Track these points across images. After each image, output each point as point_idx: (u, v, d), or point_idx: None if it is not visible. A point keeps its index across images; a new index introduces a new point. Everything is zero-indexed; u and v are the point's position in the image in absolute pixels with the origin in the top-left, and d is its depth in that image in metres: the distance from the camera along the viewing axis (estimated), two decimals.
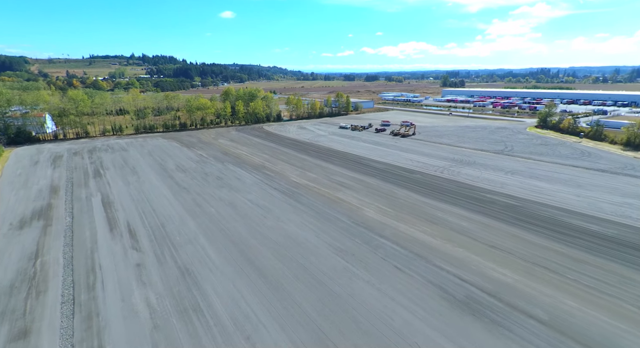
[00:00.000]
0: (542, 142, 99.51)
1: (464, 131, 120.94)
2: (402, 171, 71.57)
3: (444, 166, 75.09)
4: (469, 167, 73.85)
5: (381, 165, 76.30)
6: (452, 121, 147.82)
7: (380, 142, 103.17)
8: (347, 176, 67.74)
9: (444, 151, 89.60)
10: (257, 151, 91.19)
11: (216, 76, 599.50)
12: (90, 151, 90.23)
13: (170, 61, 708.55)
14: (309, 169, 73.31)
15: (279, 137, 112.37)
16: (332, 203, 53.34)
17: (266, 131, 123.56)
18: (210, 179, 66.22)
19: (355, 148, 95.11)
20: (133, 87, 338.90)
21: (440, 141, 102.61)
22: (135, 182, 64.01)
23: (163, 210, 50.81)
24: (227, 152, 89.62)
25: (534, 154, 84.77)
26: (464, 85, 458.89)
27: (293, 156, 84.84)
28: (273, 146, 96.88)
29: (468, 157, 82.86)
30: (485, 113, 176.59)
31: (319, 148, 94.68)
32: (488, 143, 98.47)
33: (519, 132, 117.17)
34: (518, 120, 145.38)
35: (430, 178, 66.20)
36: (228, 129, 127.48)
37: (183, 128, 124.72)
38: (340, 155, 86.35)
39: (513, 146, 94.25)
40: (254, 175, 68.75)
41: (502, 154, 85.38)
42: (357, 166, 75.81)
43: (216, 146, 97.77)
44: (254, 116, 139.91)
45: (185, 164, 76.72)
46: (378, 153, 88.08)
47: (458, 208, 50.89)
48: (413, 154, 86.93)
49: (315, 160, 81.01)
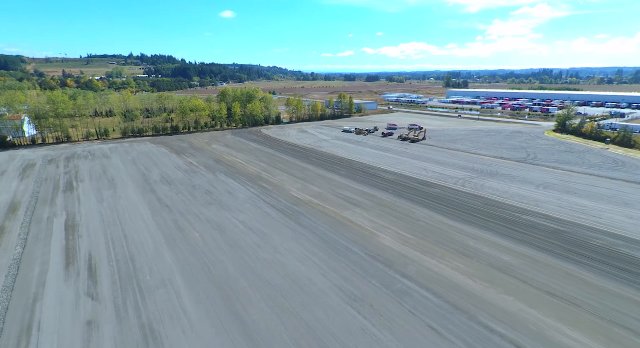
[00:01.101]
0: (565, 148, 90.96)
1: (478, 135, 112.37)
2: (416, 183, 62.95)
3: (464, 177, 66.49)
4: (492, 179, 65.25)
5: (392, 176, 67.68)
6: (462, 124, 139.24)
7: (389, 148, 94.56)
8: (355, 190, 59.10)
9: (460, 159, 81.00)
10: (253, 158, 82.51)
11: (215, 75, 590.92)
12: (68, 158, 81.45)
13: (169, 61, 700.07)
14: (311, 180, 64.68)
15: (278, 142, 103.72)
16: (339, 226, 44.71)
17: (264, 135, 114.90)
18: (198, 193, 57.54)
19: (361, 154, 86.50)
20: (128, 87, 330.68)
21: (454, 147, 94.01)
22: (110, 197, 55.30)
23: (136, 236, 42.13)
24: (220, 159, 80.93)
25: (561, 163, 76.22)
26: (467, 86, 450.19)
27: (293, 165, 76.20)
28: (271, 153, 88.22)
29: (489, 166, 74.27)
30: (494, 115, 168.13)
31: (321, 155, 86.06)
32: (507, 150, 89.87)
33: (537, 136, 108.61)
34: (533, 123, 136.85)
35: (450, 193, 57.57)
36: (223, 133, 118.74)
37: (175, 132, 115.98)
38: (345, 163, 77.74)
39: (535, 153, 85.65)
40: (249, 188, 60.09)
41: (526, 163, 76.80)
42: (365, 176, 67.19)
43: (209, 152, 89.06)
44: (251, 119, 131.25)
45: (171, 175, 68.03)
46: (387, 161, 79.49)
47: (492, 234, 42.26)
48: (426, 162, 78.33)
49: (318, 169, 72.39)
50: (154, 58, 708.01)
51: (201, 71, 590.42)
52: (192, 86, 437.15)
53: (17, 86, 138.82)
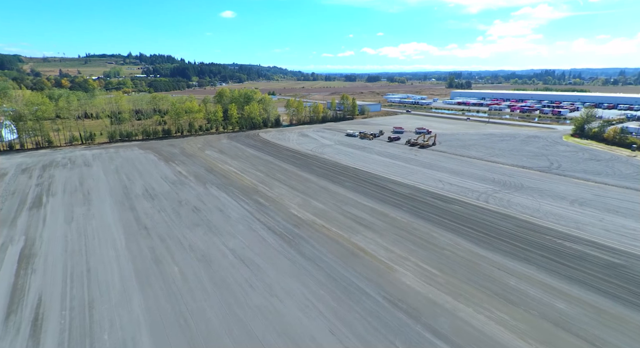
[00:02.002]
0: (590, 156, 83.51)
1: (491, 140, 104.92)
2: (433, 198, 55.47)
3: (486, 191, 59.03)
4: (518, 193, 57.79)
5: (404, 189, 60.22)
6: (472, 127, 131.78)
7: (397, 154, 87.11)
8: (364, 207, 51.65)
9: (478, 168, 73.58)
10: (249, 166, 75.06)
11: (214, 75, 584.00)
12: (45, 166, 73.95)
13: (168, 60, 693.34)
14: (313, 194, 57.22)
15: (277, 147, 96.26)
16: (349, 258, 37.26)
17: (262, 140, 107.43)
18: (184, 211, 50.08)
19: (367, 162, 79.07)
20: (124, 87, 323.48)
21: (467, 154, 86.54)
22: (81, 217, 47.84)
23: (102, 271, 34.66)
24: (213, 168, 73.47)
25: (590, 174, 68.79)
26: (471, 87, 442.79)
27: (293, 175, 68.75)
28: (269, 160, 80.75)
29: (510, 177, 66.82)
30: (504, 118, 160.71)
31: (324, 163, 78.63)
32: (527, 157, 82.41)
33: (556, 142, 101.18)
34: (547, 127, 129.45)
35: (474, 211, 50.11)
36: (219, 137, 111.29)
37: (167, 135, 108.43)
38: (350, 173, 70.30)
39: (559, 162, 78.18)
40: (243, 205, 52.62)
41: (551, 174, 69.35)
42: (374, 189, 59.74)
43: (201, 159, 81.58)
44: (249, 121, 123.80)
45: (156, 187, 60.53)
46: (397, 170, 72.06)
47: (535, 270, 34.80)
48: (441, 172, 70.89)
49: (321, 181, 64.92)
50: (153, 58, 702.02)
51: (200, 71, 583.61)
52: (191, 86, 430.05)
53: (1, 86, 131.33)
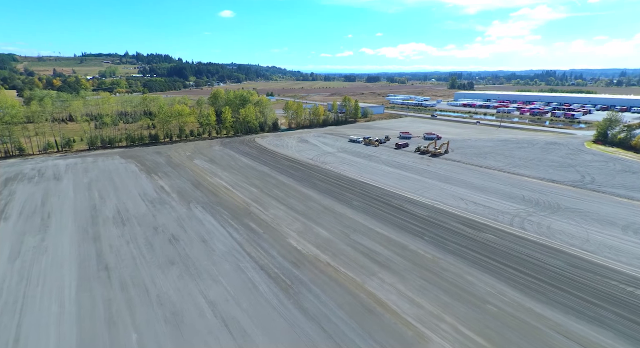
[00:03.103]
0: (623, 167, 74.96)
1: (507, 147, 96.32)
2: (458, 223, 46.75)
3: (518, 212, 50.37)
4: (556, 216, 49.14)
5: (422, 209, 51.48)
6: (483, 132, 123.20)
7: (407, 165, 78.36)
8: (377, 236, 42.91)
9: (501, 182, 64.92)
10: (242, 180, 66.17)
11: (212, 75, 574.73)
12: (8, 180, 64.81)
13: (165, 60, 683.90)
14: (316, 217, 48.42)
15: (275, 155, 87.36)
16: (364, 317, 28.48)
17: (258, 146, 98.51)
18: (159, 241, 41.19)
19: (375, 174, 70.32)
20: (117, 87, 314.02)
21: (485, 164, 77.89)
22: (30, 251, 38.89)
23: (34, 341, 25.75)
24: (201, 182, 64.56)
25: (631, 189, 60.20)
26: (473, 87, 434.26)
27: (292, 191, 59.90)
28: (265, 172, 71.89)
29: (542, 194, 58.16)
30: (513, 121, 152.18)
31: (327, 175, 69.81)
32: (553, 169, 73.81)
33: (579, 150, 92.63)
34: (564, 132, 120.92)
35: (511, 241, 41.39)
36: (211, 143, 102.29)
37: (154, 141, 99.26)
38: (357, 188, 61.52)
39: (591, 174, 69.56)
40: (231, 232, 43.78)
41: (586, 190, 60.74)
42: (386, 210, 50.99)
43: (189, 170, 72.63)
44: (244, 126, 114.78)
45: (131, 208, 51.58)
46: (409, 185, 63.33)
47: (614, 337, 26.09)
48: (459, 187, 62.18)
49: (325, 198, 56.10)
50: (150, 57, 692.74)
51: (198, 70, 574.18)
52: (187, 87, 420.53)
53: None
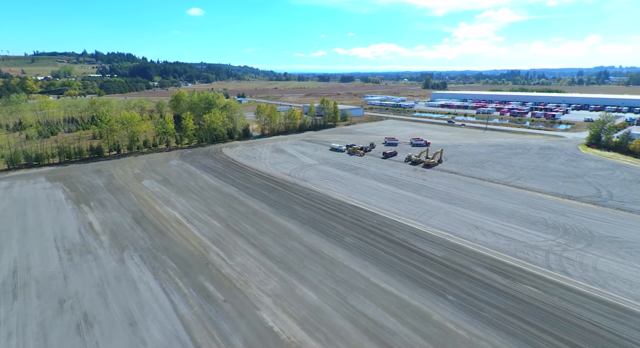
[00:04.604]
0: (633, 176, 68.19)
1: (502, 153, 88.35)
2: (484, 268, 36.04)
3: (548, 245, 40.56)
4: (595, 249, 39.76)
5: (433, 247, 40.47)
6: (471, 135, 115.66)
7: (400, 179, 67.62)
8: (385, 296, 31.24)
9: (512, 200, 55.51)
10: (202, 207, 52.38)
11: (179, 75, 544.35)
12: None
13: (128, 59, 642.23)
14: (299, 267, 36.02)
15: (245, 170, 73.80)
16: None
17: (226, 159, 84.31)
18: (60, 329, 27.18)
19: (366, 193, 58.86)
20: (69, 89, 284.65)
21: (487, 176, 68.71)
22: None
23: None
24: (146, 214, 50.16)
25: None
26: (446, 87, 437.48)
27: (267, 223, 47.05)
28: (232, 195, 58.38)
29: (564, 216, 49.06)
30: (498, 124, 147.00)
31: (309, 196, 57.48)
32: (562, 181, 65.70)
33: (577, 155, 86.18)
34: (555, 135, 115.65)
35: (562, 299, 31.09)
36: (168, 156, 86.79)
37: (96, 156, 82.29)
38: (347, 214, 49.71)
39: (606, 187, 61.80)
40: (178, 304, 30.44)
41: (609, 208, 52.45)
42: (389, 250, 39.52)
43: (133, 196, 57.71)
44: (210, 133, 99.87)
45: (35, 265, 36.71)
46: (409, 208, 52.38)
47: None
48: (468, 208, 52.00)
49: (309, 234, 43.78)
50: (111, 56, 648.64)
51: (163, 70, 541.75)
52: (150, 87, 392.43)
53: None
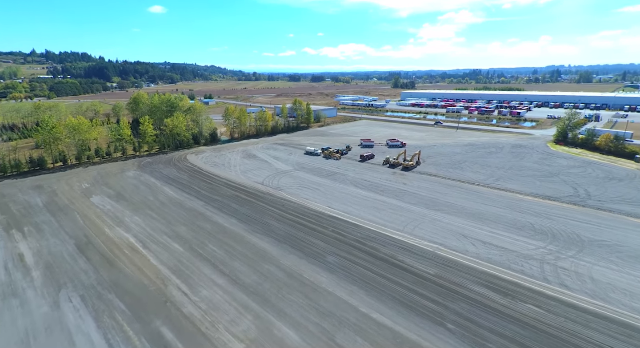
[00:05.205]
0: (604, 173, 69.39)
1: (477, 153, 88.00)
2: (480, 285, 33.01)
3: (540, 254, 38.49)
4: (586, 256, 38.17)
5: (423, 262, 37.05)
6: (445, 135, 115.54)
7: (380, 184, 64.28)
8: (378, 330, 27.13)
9: (495, 203, 53.79)
10: (161, 228, 45.77)
11: (141, 75, 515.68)
12: None
13: (83, 59, 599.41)
14: (276, 299, 31.05)
15: (212, 180, 67.29)
16: None
17: (191, 167, 77.06)
18: None
19: (347, 202, 54.78)
20: (14, 91, 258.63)
21: (466, 178, 67.12)
22: None
23: None
24: (93, 239, 42.84)
25: (634, 204, 52.89)
26: (415, 86, 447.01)
27: (238, 243, 41.51)
28: (198, 210, 52.06)
29: (549, 219, 47.69)
30: (469, 122, 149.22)
31: (284, 208, 52.43)
32: (539, 180, 65.35)
33: (547, 153, 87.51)
34: (523, 132, 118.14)
35: (567, 319, 28.53)
36: (124, 166, 78.00)
37: (37, 169, 71.95)
38: (328, 226, 45.30)
39: (582, 186, 61.94)
40: None
41: (590, 208, 51.97)
42: (377, 270, 35.58)
43: (78, 216, 49.75)
44: (172, 139, 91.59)
45: None
46: (393, 217, 48.95)
47: None
48: (453, 215, 49.40)
49: (286, 254, 38.85)
50: (63, 56, 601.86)
51: (123, 70, 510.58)
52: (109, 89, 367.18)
53: None
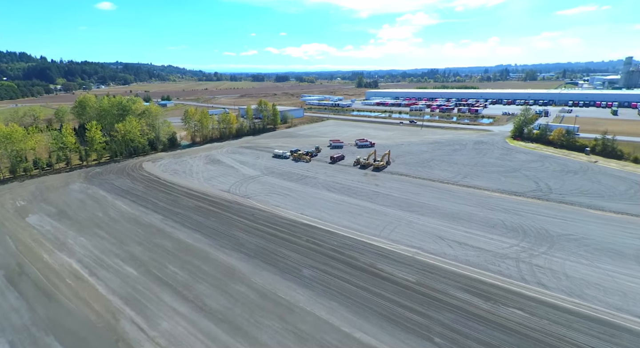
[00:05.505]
0: (560, 167, 73.05)
1: (443, 150, 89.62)
2: (462, 290, 32.09)
3: (515, 253, 38.62)
4: (557, 251, 38.89)
5: (403, 269, 35.62)
6: (412, 133, 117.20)
7: (353, 186, 62.64)
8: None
9: (465, 201, 54.17)
10: (112, 250, 40.40)
11: (89, 77, 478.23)
12: None
13: (21, 59, 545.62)
14: (248, 323, 27.86)
15: (172, 190, 61.77)
16: None
17: (147, 176, 70.56)
18: None
19: (320, 207, 52.36)
20: None
21: (436, 177, 67.51)
22: None
23: None
24: (27, 267, 36.70)
25: (591, 196, 55.64)
26: (378, 86, 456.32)
27: (203, 261, 37.45)
28: (156, 225, 46.92)
29: (517, 215, 48.60)
30: (431, 120, 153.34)
31: (254, 217, 48.87)
32: (503, 176, 67.25)
33: (507, 148, 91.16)
34: (482, 129, 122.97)
35: (550, 321, 28.23)
36: (69, 178, 69.70)
37: None
38: (302, 236, 42.57)
39: (543, 181, 64.44)
40: None
41: (553, 202, 53.86)
42: (356, 281, 33.53)
43: (9, 240, 42.75)
44: (124, 146, 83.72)
45: None
46: (369, 221, 47.33)
47: None
48: (427, 216, 48.81)
49: (258, 270, 35.54)
50: None
51: (68, 71, 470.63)
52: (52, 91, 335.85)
53: None
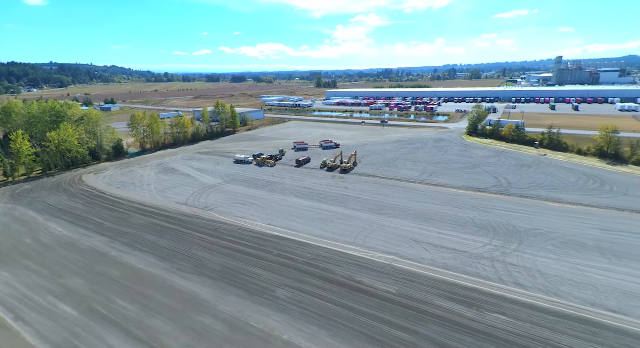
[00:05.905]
0: (514, 161, 76.66)
1: (406, 149, 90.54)
2: (444, 297, 30.92)
3: (489, 252, 38.60)
4: (527, 247, 39.55)
5: (383, 280, 33.79)
6: (374, 133, 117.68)
7: (322, 191, 60.12)
8: None
9: (434, 200, 54.17)
10: (43, 285, 33.89)
11: (18, 79, 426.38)
12: None
13: None
14: None
15: (119, 206, 54.67)
16: None
17: (88, 191, 62.18)
18: None
19: (289, 216, 49.11)
20: None
21: (402, 176, 67.30)
22: None
23: None
24: None
25: (547, 189, 58.45)
26: (336, 85, 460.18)
27: (158, 291, 32.55)
28: (99, 250, 40.57)
29: (485, 212, 49.32)
30: (390, 118, 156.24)
31: (217, 233, 44.30)
32: (466, 173, 68.84)
33: (464, 144, 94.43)
34: (440, 126, 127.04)
35: (534, 325, 27.83)
36: None
37: None
38: (271, 250, 39.12)
39: (502, 175, 66.82)
40: None
41: (514, 196, 55.73)
42: (335, 298, 31.02)
43: None
44: (59, 157, 73.49)
45: None
46: (342, 228, 45.08)
47: None
48: (400, 218, 47.76)
49: (224, 295, 31.55)
50: None
51: None
52: None
53: None
